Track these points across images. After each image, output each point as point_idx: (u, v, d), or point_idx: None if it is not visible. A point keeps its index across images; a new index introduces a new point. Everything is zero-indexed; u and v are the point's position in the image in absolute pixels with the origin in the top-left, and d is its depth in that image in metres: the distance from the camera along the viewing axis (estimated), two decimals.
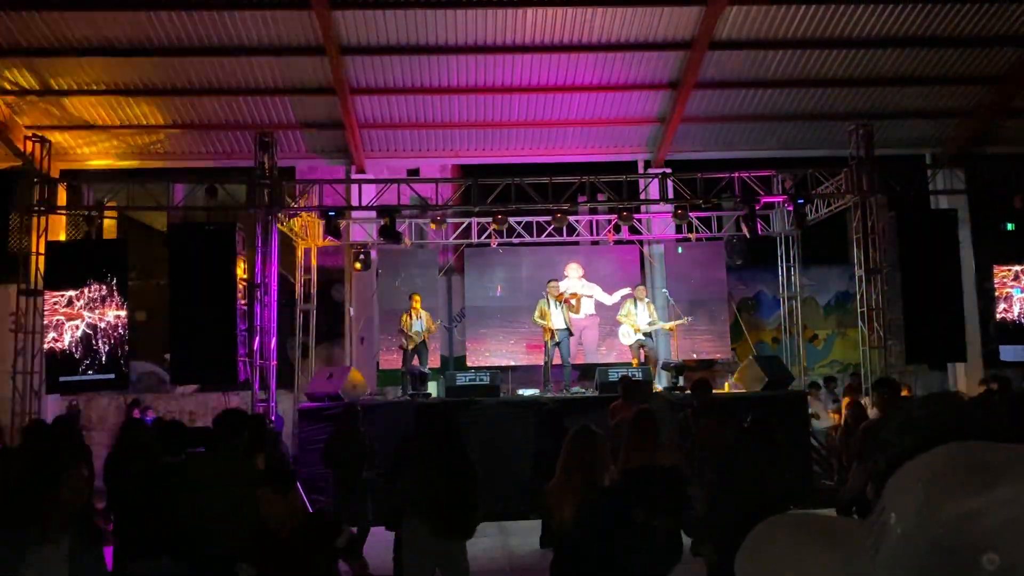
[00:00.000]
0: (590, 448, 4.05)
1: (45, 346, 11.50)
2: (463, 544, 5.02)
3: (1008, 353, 12.46)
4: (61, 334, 11.46)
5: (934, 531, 0.58)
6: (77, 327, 11.46)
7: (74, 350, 11.44)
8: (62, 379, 11.38)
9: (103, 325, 11.55)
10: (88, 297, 11.54)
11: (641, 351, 12.56)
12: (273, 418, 11.45)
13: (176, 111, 13.16)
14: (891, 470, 1.17)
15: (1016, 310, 12.90)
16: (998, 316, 13.07)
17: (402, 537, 5.20)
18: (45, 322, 11.56)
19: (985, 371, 13.27)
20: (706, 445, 4.65)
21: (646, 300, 12.72)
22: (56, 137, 12.98)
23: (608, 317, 14.30)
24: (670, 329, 13.04)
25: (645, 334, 12.55)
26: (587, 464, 4.00)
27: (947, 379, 14.44)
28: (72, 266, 11.71)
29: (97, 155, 13.75)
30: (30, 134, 12.36)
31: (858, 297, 12.16)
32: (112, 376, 11.50)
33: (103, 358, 11.47)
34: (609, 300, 14.52)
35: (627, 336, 12.74)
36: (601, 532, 3.80)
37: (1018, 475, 0.58)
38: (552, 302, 12.06)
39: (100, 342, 11.49)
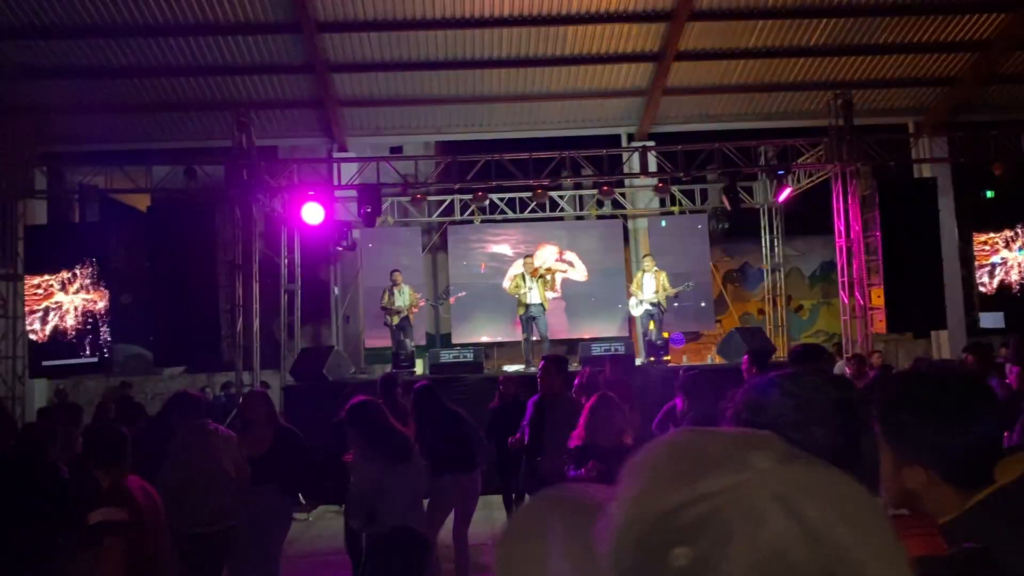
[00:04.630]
0: (613, 412, 4.25)
1: (28, 331, 11.49)
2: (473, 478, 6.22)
3: (987, 320, 12.52)
4: (43, 319, 11.44)
5: (639, 528, 0.57)
6: (59, 311, 11.44)
7: (56, 335, 11.42)
8: (45, 363, 11.38)
9: (85, 309, 11.53)
10: (69, 281, 11.51)
11: (650, 322, 12.59)
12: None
13: (154, 92, 13.05)
14: None
15: (995, 278, 12.95)
16: (978, 284, 13.12)
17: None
18: (28, 308, 11.53)
19: (968, 339, 13.33)
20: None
21: (654, 271, 12.67)
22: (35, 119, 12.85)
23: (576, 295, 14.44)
24: (671, 295, 13.03)
25: (652, 304, 12.55)
26: (612, 427, 4.20)
27: (931, 348, 14.52)
28: (53, 250, 11.65)
29: (75, 138, 13.65)
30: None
31: (839, 267, 12.19)
32: (95, 360, 11.49)
33: (86, 342, 11.46)
34: (581, 276, 14.55)
35: (636, 307, 12.77)
36: None
37: (726, 467, 0.57)
38: (527, 278, 12.07)
39: (82, 326, 11.48)
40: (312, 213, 11.70)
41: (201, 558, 4.82)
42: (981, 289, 13.03)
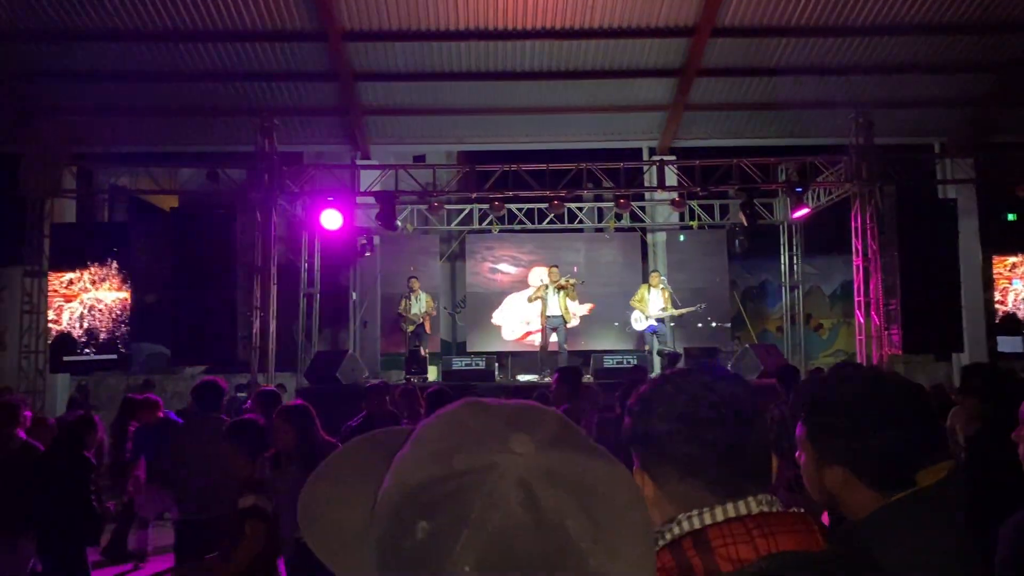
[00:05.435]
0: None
1: (50, 327, 11.73)
2: None
3: (1005, 344, 12.35)
4: (65, 315, 11.68)
5: (396, 496, 0.56)
6: (80, 308, 11.68)
7: (77, 331, 11.66)
8: (65, 359, 11.62)
9: (105, 307, 11.76)
10: (91, 279, 11.75)
11: (654, 338, 12.59)
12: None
13: (181, 96, 13.28)
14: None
15: (1014, 301, 12.78)
16: (996, 307, 12.97)
17: None
18: (64, 303, 11.77)
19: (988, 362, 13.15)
20: None
21: (660, 287, 12.66)
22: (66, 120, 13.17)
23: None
24: (679, 315, 12.99)
25: (658, 320, 12.55)
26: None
27: (952, 370, 14.32)
28: (77, 248, 11.93)
29: (104, 139, 13.91)
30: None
31: (855, 287, 12.10)
32: (114, 357, 11.71)
33: (105, 339, 11.69)
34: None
35: (639, 322, 12.78)
36: None
37: (485, 446, 0.57)
38: (551, 289, 12.12)
39: (102, 323, 11.71)
40: (330, 219, 11.84)
41: (189, 543, 4.92)
42: (1017, 313, 12.86)
